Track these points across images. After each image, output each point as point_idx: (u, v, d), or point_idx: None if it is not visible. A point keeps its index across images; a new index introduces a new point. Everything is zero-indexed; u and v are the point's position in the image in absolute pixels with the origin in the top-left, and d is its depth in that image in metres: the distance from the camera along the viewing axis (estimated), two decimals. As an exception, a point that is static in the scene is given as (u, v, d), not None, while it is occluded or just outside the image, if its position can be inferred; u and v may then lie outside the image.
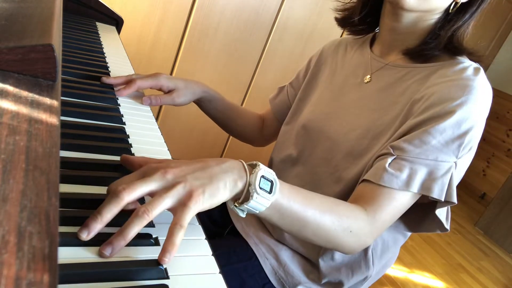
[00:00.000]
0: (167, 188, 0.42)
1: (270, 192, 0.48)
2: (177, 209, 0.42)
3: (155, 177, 0.43)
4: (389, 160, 0.61)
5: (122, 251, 0.40)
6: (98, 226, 0.39)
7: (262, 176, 0.48)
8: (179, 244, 0.41)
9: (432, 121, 0.61)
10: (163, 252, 0.40)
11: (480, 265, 2.47)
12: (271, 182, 0.49)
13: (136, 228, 0.40)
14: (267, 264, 0.75)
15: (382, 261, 0.78)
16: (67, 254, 0.38)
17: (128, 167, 0.51)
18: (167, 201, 0.42)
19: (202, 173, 0.45)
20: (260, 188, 0.47)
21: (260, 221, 0.83)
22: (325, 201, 0.57)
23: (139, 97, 0.82)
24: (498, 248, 2.78)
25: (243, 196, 0.47)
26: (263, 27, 2.04)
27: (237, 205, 0.48)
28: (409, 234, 0.79)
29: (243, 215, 0.49)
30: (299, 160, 0.81)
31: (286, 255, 0.76)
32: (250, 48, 2.07)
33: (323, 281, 0.74)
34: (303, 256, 0.78)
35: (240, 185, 0.47)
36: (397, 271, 2.10)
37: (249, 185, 0.47)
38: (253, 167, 0.49)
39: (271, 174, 0.49)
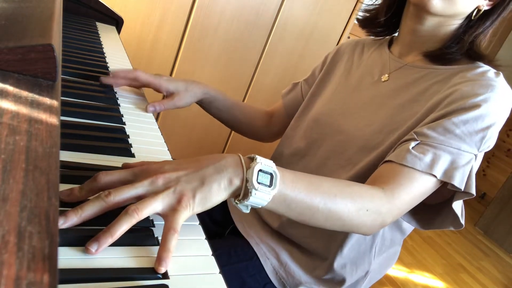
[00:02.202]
0: (156, 193, 0.42)
1: (270, 185, 0.47)
2: (168, 214, 0.42)
3: (145, 183, 0.42)
4: (413, 144, 0.62)
5: (122, 251, 0.40)
6: (75, 219, 0.39)
7: (260, 170, 0.46)
8: (174, 249, 0.40)
9: (456, 112, 0.62)
10: (159, 260, 0.39)
11: (480, 265, 2.47)
12: (271, 174, 0.47)
13: (124, 226, 0.39)
14: (268, 264, 0.75)
15: (381, 256, 0.78)
16: (67, 254, 0.38)
17: None
18: (157, 205, 0.41)
19: (195, 175, 0.44)
20: (259, 183, 0.46)
21: (261, 221, 0.83)
22: (335, 185, 0.55)
23: (139, 98, 0.82)
24: (498, 248, 2.78)
25: (242, 193, 0.46)
26: (263, 27, 2.04)
27: (237, 202, 0.47)
28: (408, 231, 0.80)
29: (247, 210, 0.48)
30: (308, 152, 0.82)
31: (287, 255, 0.76)
32: (250, 48, 2.07)
33: (326, 277, 0.74)
34: (305, 254, 0.78)
35: (237, 183, 0.46)
36: (397, 271, 2.10)
37: (247, 181, 0.46)
38: (251, 161, 0.48)
39: (270, 167, 0.48)
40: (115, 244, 0.40)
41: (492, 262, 2.56)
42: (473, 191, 0.62)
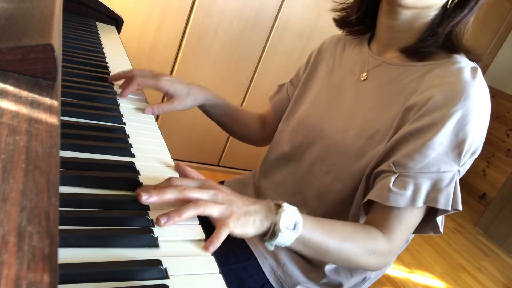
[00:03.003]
0: (216, 203, 0.50)
1: (293, 229, 0.55)
2: (219, 220, 0.50)
3: (210, 192, 0.51)
4: (393, 179, 0.62)
5: (122, 251, 0.41)
6: (155, 199, 0.47)
7: (286, 216, 0.54)
8: (222, 240, 0.48)
9: (430, 130, 0.61)
10: (210, 242, 0.47)
11: (480, 265, 2.47)
12: (295, 220, 0.55)
13: (191, 212, 0.47)
14: (266, 264, 0.75)
15: None
16: (67, 254, 0.38)
17: (181, 174, 0.59)
18: (215, 211, 0.49)
19: (242, 205, 0.53)
20: (285, 226, 0.54)
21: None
22: (345, 230, 0.62)
23: (139, 98, 0.82)
24: (498, 248, 2.78)
25: (269, 233, 0.54)
26: (263, 27, 2.04)
27: (265, 240, 0.55)
28: (410, 239, 0.79)
29: (271, 248, 0.56)
30: (293, 157, 0.81)
31: (285, 255, 0.76)
32: (250, 48, 2.07)
33: (323, 281, 0.74)
34: (302, 256, 0.77)
35: (266, 225, 0.54)
36: (397, 271, 2.10)
37: (275, 224, 0.53)
38: (279, 207, 0.55)
39: (294, 213, 0.55)
40: (116, 244, 0.40)
41: (492, 262, 2.56)
42: (460, 207, 0.62)
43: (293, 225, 0.55)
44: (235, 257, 0.74)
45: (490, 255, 2.65)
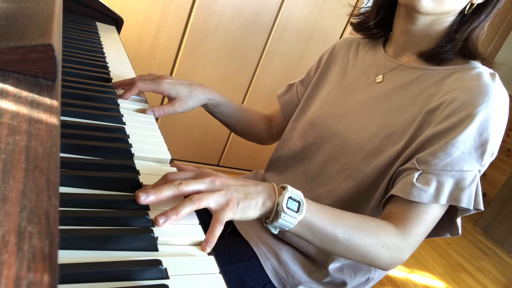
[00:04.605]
0: (213, 191, 0.49)
1: (297, 211, 0.54)
2: (217, 211, 0.49)
3: (206, 181, 0.50)
4: (416, 175, 0.62)
5: (122, 251, 0.40)
6: (153, 198, 0.47)
7: (290, 197, 0.54)
8: (217, 236, 0.48)
9: (454, 130, 0.62)
10: (206, 242, 0.46)
11: (480, 265, 2.47)
12: (299, 202, 0.55)
13: (187, 208, 0.47)
14: (268, 264, 0.75)
15: None
16: (67, 254, 0.38)
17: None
18: (212, 201, 0.49)
19: (241, 188, 0.52)
20: (288, 207, 0.53)
21: (261, 222, 0.83)
22: (354, 219, 0.61)
23: (139, 98, 0.82)
24: (498, 248, 2.78)
25: (272, 215, 0.53)
26: (263, 27, 2.04)
27: (268, 222, 0.54)
28: None
29: (275, 232, 0.56)
30: (305, 157, 0.82)
31: (287, 255, 0.76)
32: (250, 48, 2.07)
33: (326, 280, 0.74)
34: (304, 255, 0.78)
35: (269, 205, 0.53)
36: (397, 271, 2.10)
37: (277, 205, 0.53)
38: (283, 189, 0.55)
39: (298, 195, 0.55)
40: (116, 244, 0.40)
41: (492, 262, 2.56)
42: (482, 206, 0.62)
43: (297, 207, 0.54)
44: (236, 257, 0.75)
45: (490, 255, 2.65)
